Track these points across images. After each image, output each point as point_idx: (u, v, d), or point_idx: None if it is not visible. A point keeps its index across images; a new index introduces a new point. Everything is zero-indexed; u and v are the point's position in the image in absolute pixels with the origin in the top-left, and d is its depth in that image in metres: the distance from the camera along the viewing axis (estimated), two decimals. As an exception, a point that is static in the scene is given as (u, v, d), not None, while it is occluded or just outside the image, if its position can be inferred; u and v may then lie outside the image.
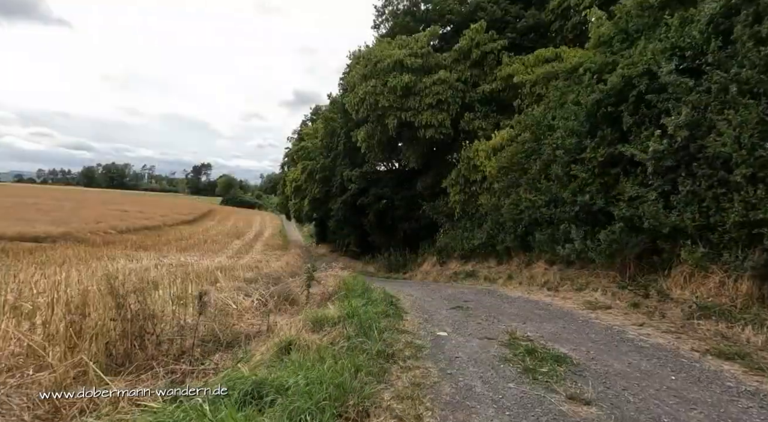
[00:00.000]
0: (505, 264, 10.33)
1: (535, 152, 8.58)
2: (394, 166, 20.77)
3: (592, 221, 6.63)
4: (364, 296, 5.71)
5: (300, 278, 9.59)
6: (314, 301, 5.78)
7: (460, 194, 12.34)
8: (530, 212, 8.25)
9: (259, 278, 7.21)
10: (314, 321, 3.83)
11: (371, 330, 3.46)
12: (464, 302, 6.10)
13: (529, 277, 8.35)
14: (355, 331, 3.42)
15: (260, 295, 5.96)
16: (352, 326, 3.59)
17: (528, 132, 9.24)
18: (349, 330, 3.45)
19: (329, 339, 3.29)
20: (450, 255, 13.10)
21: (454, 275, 11.71)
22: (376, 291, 6.76)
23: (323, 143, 24.62)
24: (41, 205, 34.49)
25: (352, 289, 6.46)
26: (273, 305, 5.65)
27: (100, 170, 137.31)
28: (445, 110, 12.47)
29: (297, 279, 9.10)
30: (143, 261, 13.23)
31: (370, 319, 3.94)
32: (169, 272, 8.51)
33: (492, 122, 12.39)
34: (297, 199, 31.14)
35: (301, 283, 6.79)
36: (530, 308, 5.45)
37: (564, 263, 7.81)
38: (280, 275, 8.87)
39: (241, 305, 5.33)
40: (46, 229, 20.30)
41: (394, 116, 12.77)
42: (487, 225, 10.91)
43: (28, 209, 30.49)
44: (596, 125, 6.51)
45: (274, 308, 5.44)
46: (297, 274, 9.98)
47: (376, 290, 6.93)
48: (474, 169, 11.73)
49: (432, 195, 15.63)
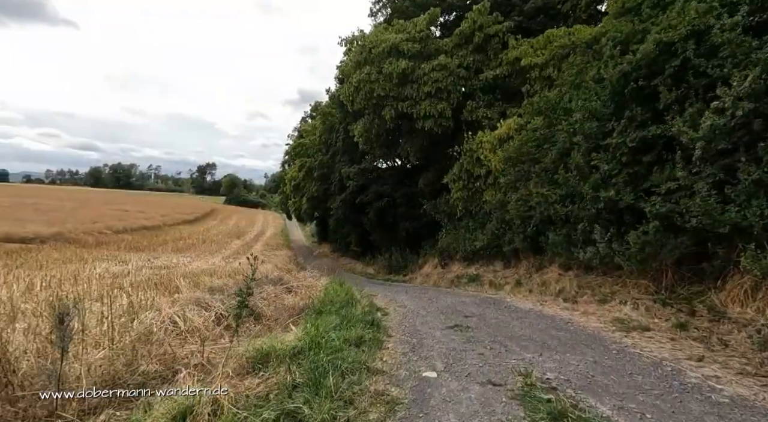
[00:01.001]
0: (513, 268, 9.25)
1: (549, 139, 7.49)
2: (396, 163, 19.80)
3: (617, 220, 5.54)
4: (342, 311, 4.71)
5: (280, 284, 8.63)
6: (282, 318, 4.79)
7: (462, 190, 11.27)
8: (542, 208, 7.18)
9: (226, 287, 6.24)
10: (257, 357, 2.83)
11: (328, 373, 2.46)
12: (465, 317, 5.07)
13: (541, 284, 7.28)
14: (305, 377, 2.43)
15: (221, 309, 5.00)
16: (306, 366, 2.59)
17: (540, 118, 8.15)
18: (297, 374, 2.45)
19: (265, 389, 2.29)
20: (452, 257, 12.05)
21: (456, 278, 10.66)
22: (361, 303, 5.75)
23: (321, 139, 23.66)
24: (41, 205, 34.13)
25: (332, 301, 5.47)
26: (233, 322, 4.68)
27: (106, 171, 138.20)
28: (445, 99, 11.40)
29: (278, 287, 8.13)
30: (130, 264, 12.49)
31: (336, 352, 2.94)
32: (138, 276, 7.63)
33: (497, 111, 11.29)
34: (296, 198, 30.23)
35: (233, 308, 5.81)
36: (546, 327, 4.40)
37: (582, 268, 6.72)
38: (259, 282, 7.90)
39: (190, 325, 4.37)
40: (36, 229, 19.63)
41: (391, 107, 11.73)
42: (492, 224, 9.84)
43: (26, 209, 30.05)
44: (623, 104, 5.42)
45: (227, 329, 4.47)
46: (281, 280, 9.01)
47: (361, 302, 5.92)
48: (477, 162, 10.66)
49: (434, 192, 14.60)
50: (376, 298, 7.61)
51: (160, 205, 47.66)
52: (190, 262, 14.28)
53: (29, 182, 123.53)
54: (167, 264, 13.36)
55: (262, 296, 6.13)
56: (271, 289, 7.48)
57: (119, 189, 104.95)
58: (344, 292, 6.69)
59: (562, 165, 6.74)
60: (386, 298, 7.61)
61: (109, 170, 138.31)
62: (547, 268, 7.80)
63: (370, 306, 5.69)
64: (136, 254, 15.55)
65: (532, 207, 7.61)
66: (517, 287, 7.78)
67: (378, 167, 20.41)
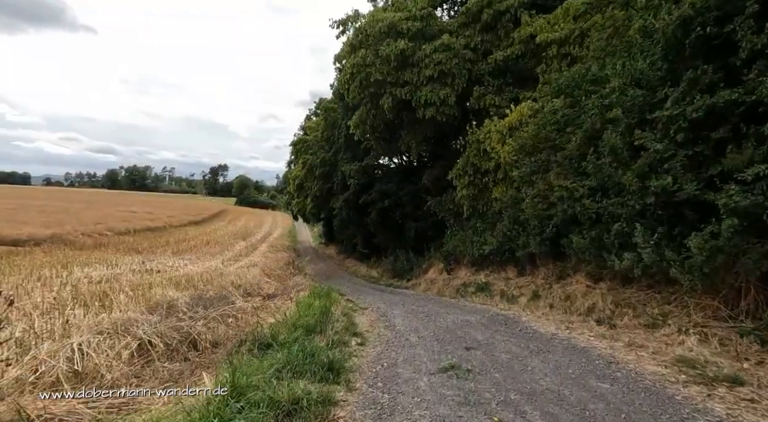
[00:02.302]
0: (528, 276, 7.88)
1: (572, 121, 6.13)
2: (402, 160, 18.62)
3: (671, 218, 4.17)
4: (301, 342, 3.51)
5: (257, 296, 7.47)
6: (226, 347, 3.60)
7: (468, 187, 9.92)
8: (565, 205, 5.82)
9: (176, 303, 5.10)
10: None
11: None
12: (466, 350, 3.79)
13: (564, 298, 5.91)
14: None
15: (147, 335, 3.85)
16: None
17: (560, 99, 6.78)
18: None
19: None
20: (459, 261, 10.72)
21: (462, 287, 9.34)
22: (335, 325, 4.52)
23: (323, 136, 22.55)
24: (48, 207, 34.14)
25: (295, 324, 4.25)
26: (155, 356, 3.52)
27: (122, 173, 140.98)
28: (449, 84, 10.09)
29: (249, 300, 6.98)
30: (119, 267, 11.68)
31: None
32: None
33: (507, 97, 9.91)
34: (300, 197, 29.26)
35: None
36: (581, 372, 3.09)
37: (618, 279, 5.34)
38: (228, 293, 6.76)
39: (88, 363, 3.22)
40: (32, 231, 19.08)
41: (389, 94, 10.48)
42: (504, 225, 8.48)
43: (31, 210, 29.95)
44: (681, 62, 4.05)
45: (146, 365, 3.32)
46: (259, 290, 7.86)
47: (337, 323, 4.69)
48: (485, 155, 9.30)
49: (440, 190, 13.32)
50: (363, 313, 6.38)
51: (169, 206, 47.57)
52: (186, 265, 13.39)
53: (49, 185, 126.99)
54: (159, 268, 12.50)
55: (220, 315, 4.97)
56: (239, 303, 6.34)
57: (134, 191, 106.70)
58: (321, 307, 5.48)
59: (591, 150, 5.37)
60: (375, 313, 6.37)
61: (125, 172, 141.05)
62: (570, 277, 6.42)
63: (346, 329, 4.46)
64: (132, 256, 14.80)
65: (552, 204, 6.25)
66: (535, 301, 6.43)
67: (382, 165, 19.28)
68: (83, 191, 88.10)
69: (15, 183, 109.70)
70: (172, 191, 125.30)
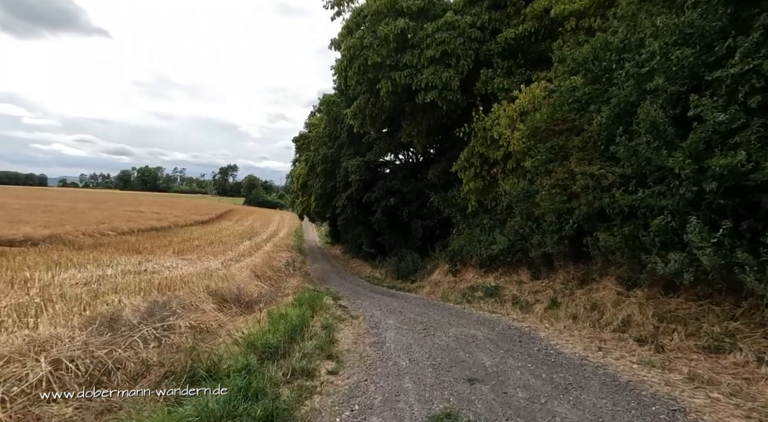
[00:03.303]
0: (545, 280, 6.90)
1: (597, 98, 5.15)
2: (408, 156, 17.76)
3: (738, 209, 3.20)
4: (249, 372, 2.67)
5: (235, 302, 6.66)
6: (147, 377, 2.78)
7: (474, 180, 8.96)
8: (590, 196, 4.85)
9: (116, 315, 4.30)
10: None
11: None
12: (469, 384, 2.90)
13: (590, 307, 4.94)
14: None
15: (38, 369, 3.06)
16: None
17: (580, 74, 5.79)
18: None
19: None
20: (465, 262, 9.77)
21: (469, 291, 8.40)
22: (304, 347, 3.67)
23: (326, 131, 21.74)
24: (55, 207, 34.16)
25: (256, 343, 3.42)
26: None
27: (135, 174, 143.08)
28: (453, 65, 9.13)
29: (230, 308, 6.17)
30: (112, 268, 11.11)
31: None
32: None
33: (518, 80, 8.90)
34: (304, 196, 28.53)
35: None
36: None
37: (658, 285, 4.36)
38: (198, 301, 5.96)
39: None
40: (28, 231, 18.71)
41: (387, 78, 9.58)
42: (515, 222, 7.51)
43: (35, 210, 29.92)
44: (750, 4, 3.06)
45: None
46: (237, 298, 7.05)
47: (308, 343, 3.83)
48: (493, 144, 8.32)
49: (446, 185, 12.40)
50: (352, 323, 5.52)
51: (177, 206, 47.52)
52: (184, 266, 12.80)
53: (65, 186, 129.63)
54: (155, 269, 11.93)
55: (167, 330, 4.16)
56: (209, 313, 5.54)
57: (146, 191, 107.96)
58: (298, 318, 4.64)
59: (621, 129, 4.39)
60: (366, 323, 5.50)
61: (137, 173, 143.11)
62: (596, 282, 5.44)
63: (320, 350, 3.60)
64: (130, 256, 14.28)
65: (573, 196, 5.28)
66: (553, 310, 5.46)
67: (386, 162, 18.43)
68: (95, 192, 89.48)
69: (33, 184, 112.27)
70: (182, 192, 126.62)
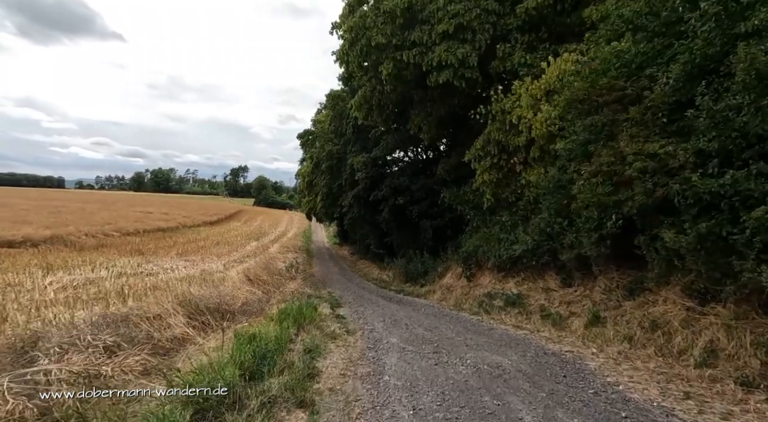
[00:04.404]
0: (579, 287, 5.77)
1: (656, 57, 4.02)
2: (418, 153, 16.76)
3: None
4: None
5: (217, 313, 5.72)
6: None
7: (490, 171, 7.85)
8: (649, 183, 3.74)
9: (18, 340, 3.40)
10: None
11: None
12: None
13: (649, 326, 3.82)
14: None
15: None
16: None
17: (626, 36, 4.68)
18: None
19: None
20: (481, 265, 8.66)
21: (486, 298, 7.30)
22: (272, 382, 2.67)
23: (331, 127, 20.83)
24: (64, 208, 34.22)
25: (195, 382, 2.46)
26: None
27: (148, 176, 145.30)
28: (469, 40, 8.05)
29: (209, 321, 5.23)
30: (109, 270, 10.47)
31: None
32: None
33: (542, 56, 7.76)
34: (310, 195, 27.73)
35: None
36: None
37: (752, 301, 3.22)
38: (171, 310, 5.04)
39: None
40: (28, 232, 18.33)
41: (390, 59, 8.55)
42: (541, 219, 6.40)
43: (43, 211, 29.90)
44: None
45: None
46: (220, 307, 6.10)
47: (276, 379, 2.84)
48: (512, 129, 7.21)
49: (458, 180, 11.34)
50: (346, 342, 4.52)
51: (187, 207, 47.48)
52: (186, 267, 12.16)
53: (81, 188, 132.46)
54: (154, 270, 11.32)
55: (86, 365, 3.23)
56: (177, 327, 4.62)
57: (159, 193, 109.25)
58: (275, 338, 3.66)
59: (702, 87, 3.28)
60: (364, 342, 4.49)
61: (150, 175, 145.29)
62: (652, 293, 4.30)
63: (291, 391, 2.60)
64: (132, 257, 13.72)
65: (623, 183, 4.16)
66: (597, 327, 4.34)
67: (393, 159, 17.46)
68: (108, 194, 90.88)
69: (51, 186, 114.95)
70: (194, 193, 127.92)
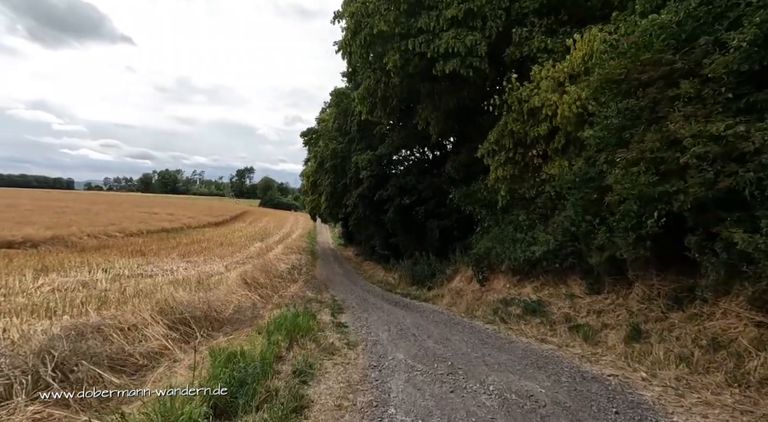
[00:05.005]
0: (610, 294, 5.10)
1: (713, 23, 3.37)
2: (424, 153, 16.18)
3: None
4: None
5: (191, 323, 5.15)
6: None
7: (505, 166, 7.21)
8: (710, 172, 3.09)
9: None
10: None
11: None
12: None
13: (709, 345, 3.16)
14: None
15: None
16: None
17: (671, 7, 4.03)
18: None
19: None
20: (494, 268, 8.02)
21: (502, 305, 6.65)
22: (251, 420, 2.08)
23: (335, 125, 20.30)
24: (68, 208, 34.20)
25: None
26: None
27: (156, 177, 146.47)
28: (479, 27, 7.45)
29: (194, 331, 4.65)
30: (106, 272, 10.13)
31: None
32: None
33: (562, 41, 7.11)
34: (314, 195, 27.24)
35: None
36: None
37: None
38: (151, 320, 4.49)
39: None
40: (28, 233, 18.05)
41: (396, 50, 7.97)
42: (565, 216, 5.75)
43: (47, 212, 29.82)
44: None
45: None
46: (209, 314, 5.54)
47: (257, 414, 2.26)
48: (531, 118, 6.57)
49: (467, 178, 10.73)
50: (346, 358, 3.92)
51: (192, 208, 47.41)
52: (186, 269, 11.76)
53: (89, 190, 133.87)
54: (153, 272, 10.92)
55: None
56: (154, 340, 4.06)
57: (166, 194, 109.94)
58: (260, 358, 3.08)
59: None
60: (366, 358, 3.89)
61: (158, 176, 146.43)
62: (708, 304, 3.63)
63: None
64: (132, 259, 13.38)
65: (673, 172, 3.51)
66: (638, 343, 3.69)
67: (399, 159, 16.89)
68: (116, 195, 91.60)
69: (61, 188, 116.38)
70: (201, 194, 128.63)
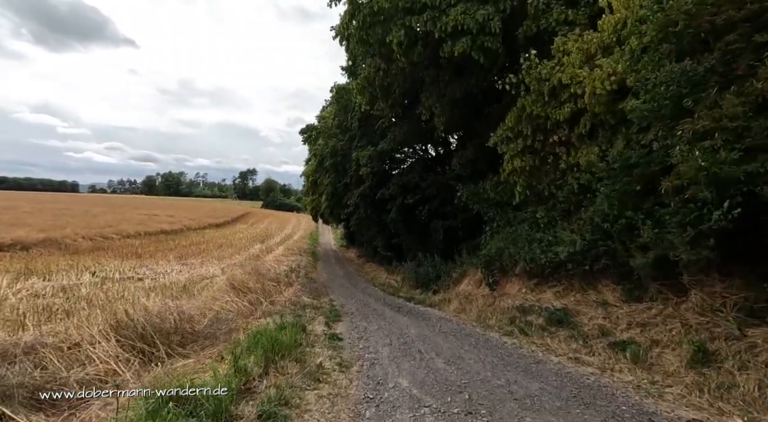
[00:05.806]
0: (653, 301, 4.24)
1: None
2: (427, 151, 15.38)
3: None
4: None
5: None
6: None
7: (522, 155, 6.37)
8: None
9: None
10: None
11: None
12: None
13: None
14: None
15: None
16: None
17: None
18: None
19: None
20: (506, 270, 7.14)
21: (519, 313, 5.79)
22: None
23: (335, 122, 19.56)
24: (67, 210, 33.75)
25: None
26: None
27: (159, 179, 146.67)
28: (492, 1, 6.64)
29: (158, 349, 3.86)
30: (87, 276, 9.46)
31: None
32: None
33: (586, 14, 6.26)
34: (314, 195, 26.49)
35: None
36: None
37: None
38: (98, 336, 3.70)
39: None
40: (19, 235, 17.46)
41: (400, 26, 7.18)
42: (595, 211, 4.90)
43: (45, 214, 29.35)
44: None
45: None
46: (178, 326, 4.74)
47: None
48: (552, 99, 5.73)
49: (474, 175, 9.91)
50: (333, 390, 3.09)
51: (194, 209, 46.96)
52: (179, 272, 11.09)
53: (94, 192, 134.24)
54: (143, 275, 10.25)
55: None
56: (100, 364, 3.26)
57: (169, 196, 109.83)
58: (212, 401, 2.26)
59: None
60: (361, 386, 3.06)
61: (161, 178, 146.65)
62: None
63: None
64: (126, 261, 12.75)
65: (761, 146, 2.67)
66: (710, 369, 2.84)
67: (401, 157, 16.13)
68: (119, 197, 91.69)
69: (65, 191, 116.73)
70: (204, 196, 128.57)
